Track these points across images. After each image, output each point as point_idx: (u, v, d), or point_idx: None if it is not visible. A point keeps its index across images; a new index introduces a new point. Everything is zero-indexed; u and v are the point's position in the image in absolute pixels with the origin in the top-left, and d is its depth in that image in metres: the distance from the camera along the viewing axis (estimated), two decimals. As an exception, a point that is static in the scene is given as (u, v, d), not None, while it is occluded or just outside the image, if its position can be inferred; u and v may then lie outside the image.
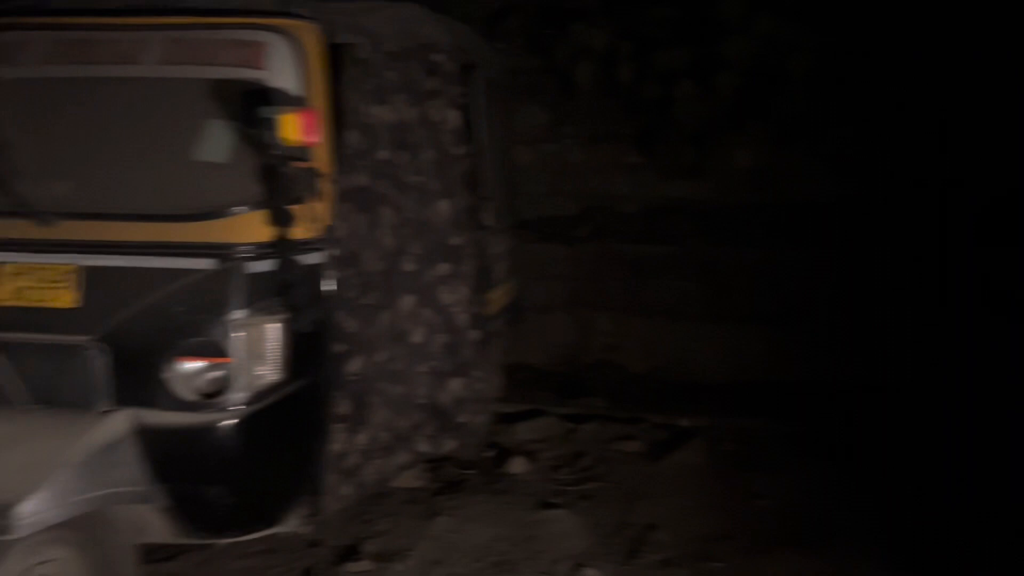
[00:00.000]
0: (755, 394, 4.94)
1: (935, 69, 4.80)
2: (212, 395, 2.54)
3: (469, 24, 4.22)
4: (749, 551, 3.31)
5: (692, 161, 5.27)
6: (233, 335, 2.55)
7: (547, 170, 5.71)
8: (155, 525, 2.60)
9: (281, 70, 2.71)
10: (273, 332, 2.64)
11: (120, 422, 2.48)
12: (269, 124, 2.48)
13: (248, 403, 2.58)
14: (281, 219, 2.59)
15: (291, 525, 2.87)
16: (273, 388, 2.64)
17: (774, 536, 3.42)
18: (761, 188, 5.44)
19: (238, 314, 2.57)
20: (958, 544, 3.29)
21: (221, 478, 2.58)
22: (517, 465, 3.99)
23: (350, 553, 3.26)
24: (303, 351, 2.71)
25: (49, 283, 2.59)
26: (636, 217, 5.57)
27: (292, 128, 2.47)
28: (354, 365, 2.92)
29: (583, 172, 5.72)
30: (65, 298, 2.57)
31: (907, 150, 5.15)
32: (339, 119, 2.87)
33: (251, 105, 2.54)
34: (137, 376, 2.52)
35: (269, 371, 2.63)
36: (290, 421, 2.74)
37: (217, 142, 2.71)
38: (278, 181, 2.55)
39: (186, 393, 2.53)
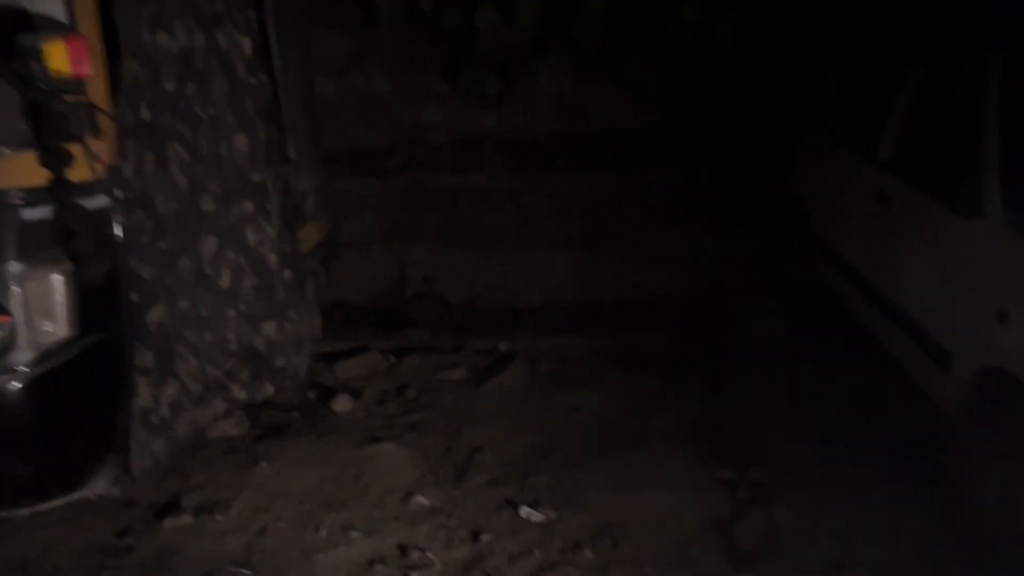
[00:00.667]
0: (570, 315, 5.12)
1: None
2: (-7, 357, 2.32)
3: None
4: (570, 463, 3.48)
5: (497, 90, 5.28)
6: (12, 290, 2.32)
7: (353, 101, 5.54)
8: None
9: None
10: (58, 285, 2.42)
11: None
12: (32, 55, 2.23)
13: (35, 363, 2.37)
14: (55, 160, 2.35)
15: (99, 488, 2.70)
16: (63, 345, 2.44)
17: (593, 446, 3.61)
18: (566, 116, 5.56)
19: (15, 267, 2.34)
20: (759, 437, 3.60)
21: (10, 445, 2.37)
22: (341, 403, 3.94)
23: (168, 509, 3.13)
24: (94, 303, 2.52)
25: None
26: (447, 148, 5.55)
27: (59, 58, 2.24)
28: (154, 315, 2.76)
29: (391, 103, 5.60)
30: None
31: (702, 76, 5.43)
32: (115, 48, 2.62)
33: (9, 34, 2.27)
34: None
35: (56, 327, 2.43)
36: (85, 379, 2.55)
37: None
38: (47, 118, 2.31)
39: (-39, 357, 2.29)
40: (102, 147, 2.53)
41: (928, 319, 3.22)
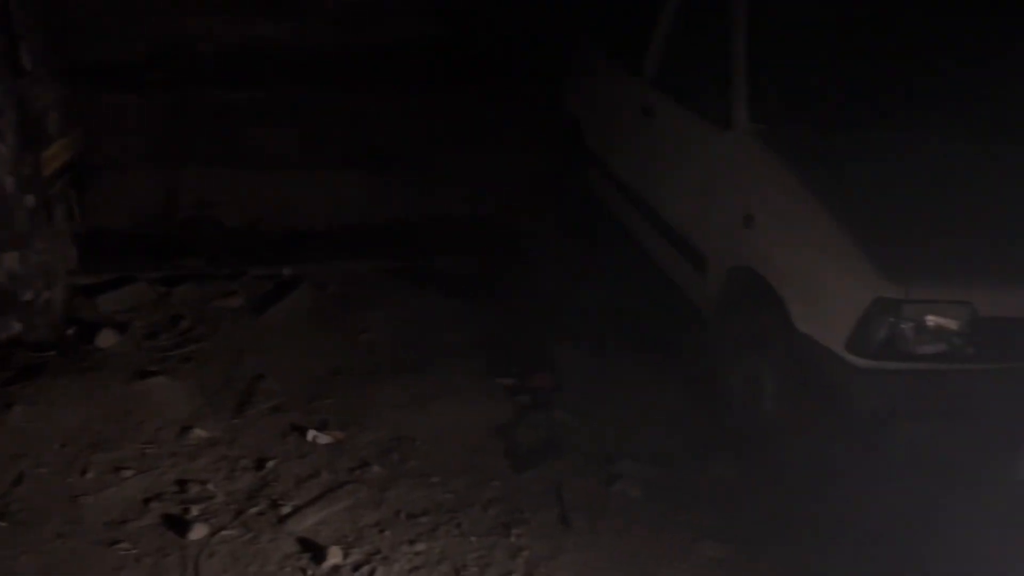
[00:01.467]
0: (358, 237, 5.02)
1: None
2: None
3: None
4: (358, 383, 3.46)
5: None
6: None
7: (107, 6, 4.99)
8: None
9: None
10: None
11: None
12: None
13: None
14: None
15: None
16: None
17: (382, 366, 3.61)
18: (349, 29, 5.34)
19: None
20: (541, 348, 3.75)
21: None
22: (105, 338, 3.66)
23: (-98, 466, 2.80)
24: None
25: None
26: (216, 60, 5.16)
27: None
28: None
29: (150, 10, 5.11)
30: None
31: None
32: None
33: None
34: None
35: None
36: None
37: None
38: None
39: None
40: None
41: (686, 225, 3.46)
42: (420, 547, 2.58)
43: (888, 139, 3.02)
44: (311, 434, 3.11)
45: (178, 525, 2.63)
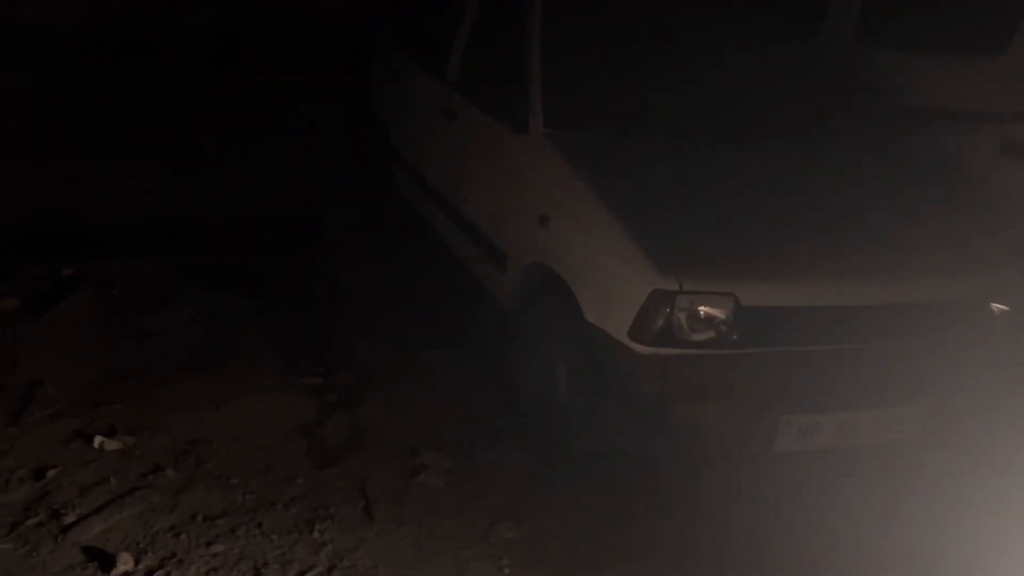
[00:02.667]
0: (141, 233, 4.74)
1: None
2: None
3: None
4: (146, 387, 3.31)
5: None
6: None
7: None
8: None
9: None
10: None
11: None
12: None
13: None
14: None
15: None
16: None
17: (171, 368, 3.47)
18: (136, 12, 5.06)
19: None
20: (345, 345, 3.75)
21: None
22: None
23: None
24: None
25: None
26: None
27: None
28: None
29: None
30: None
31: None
32: None
33: None
34: None
35: None
36: None
37: None
38: None
39: None
40: None
41: (487, 224, 3.59)
42: (218, 548, 2.52)
43: (671, 144, 3.29)
44: (97, 440, 2.95)
45: (-60, 542, 2.42)
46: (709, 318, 2.65)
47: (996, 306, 2.96)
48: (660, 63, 3.62)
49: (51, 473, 2.78)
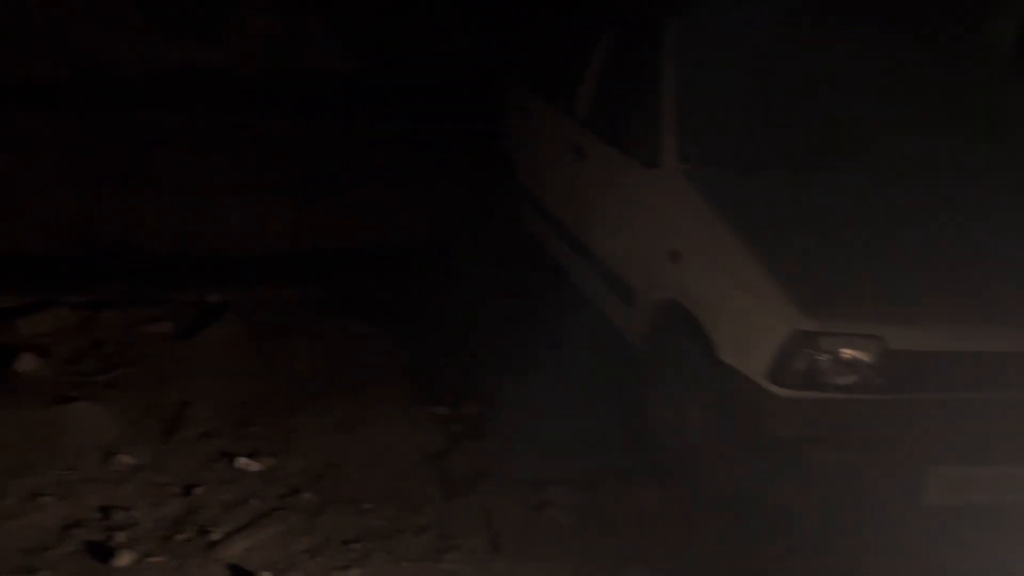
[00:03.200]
0: (286, 263, 4.99)
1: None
2: None
3: None
4: (285, 410, 3.44)
5: (202, 23, 4.94)
6: None
7: (30, 25, 4.89)
8: None
9: None
10: None
11: None
12: None
13: None
14: None
15: None
16: None
17: (310, 392, 3.59)
18: (279, 55, 5.36)
19: None
20: (472, 376, 3.80)
21: None
22: (24, 363, 3.54)
23: None
24: None
25: None
26: (143, 82, 5.10)
27: None
28: None
29: (75, 30, 5.03)
30: None
31: (414, 25, 5.46)
32: None
33: None
34: None
35: None
36: None
37: None
38: None
39: None
40: None
41: (616, 259, 3.58)
42: (353, 573, 2.58)
43: (809, 179, 3.21)
44: (241, 461, 3.08)
45: (101, 552, 2.57)
46: (853, 361, 2.54)
47: None
48: (795, 96, 3.53)
49: (198, 490, 2.92)
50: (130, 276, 4.59)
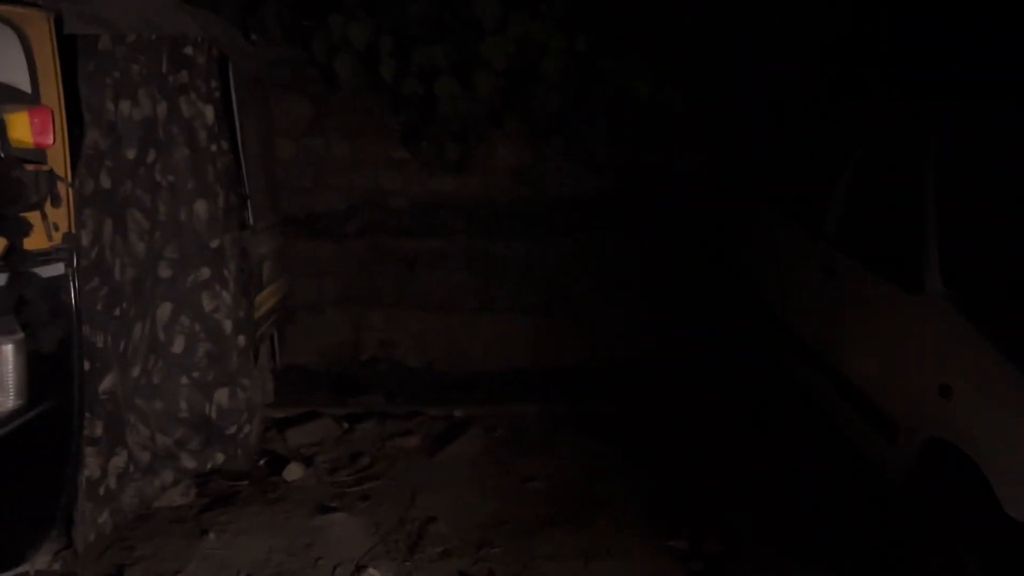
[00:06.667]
0: (526, 379, 5.14)
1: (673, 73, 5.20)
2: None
3: (220, 13, 4.01)
4: (523, 532, 3.46)
5: (456, 158, 5.36)
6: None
7: (312, 165, 5.57)
8: None
9: (6, 63, 2.43)
10: (9, 354, 2.37)
11: None
12: (-6, 124, 2.23)
13: (-20, 434, 2.31)
14: (12, 228, 2.33)
15: (41, 562, 2.61)
16: (11, 415, 2.38)
17: (546, 515, 3.60)
18: (523, 183, 5.66)
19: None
20: (711, 508, 3.62)
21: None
22: (292, 472, 3.88)
23: (111, 584, 3.03)
24: (45, 372, 2.47)
25: None
26: (404, 212, 5.59)
27: (22, 128, 2.24)
28: (106, 383, 2.70)
29: (349, 167, 5.64)
30: None
31: (652, 148, 5.57)
32: (77, 117, 2.63)
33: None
34: None
35: (5, 397, 2.37)
36: (32, 449, 2.48)
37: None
38: (7, 187, 2.29)
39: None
40: (60, 215, 2.51)
41: (875, 391, 3.31)
42: None
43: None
44: (479, 584, 3.12)
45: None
46: None
47: None
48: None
49: (438, 611, 2.98)
50: (386, 390, 4.94)
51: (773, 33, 5.18)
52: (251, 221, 3.71)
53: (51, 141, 2.38)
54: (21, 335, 2.38)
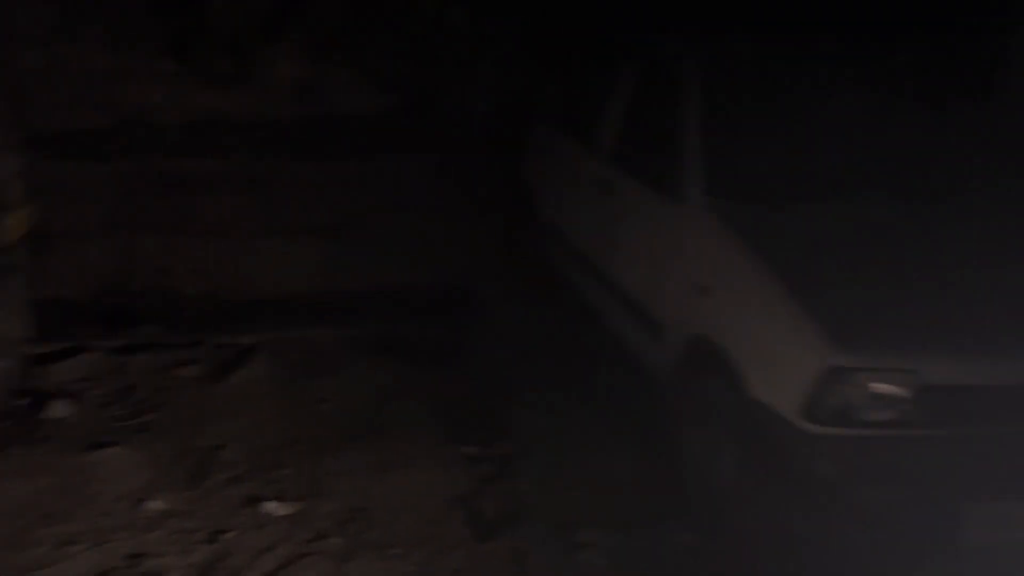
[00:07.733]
0: (316, 305, 5.01)
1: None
2: None
3: None
4: (314, 453, 3.43)
5: (230, 71, 5.04)
6: None
7: (65, 77, 5.02)
8: None
9: None
10: None
11: None
12: None
13: None
14: None
15: None
16: None
17: (340, 435, 3.58)
18: (306, 101, 5.44)
19: None
20: (501, 415, 3.77)
21: None
22: (58, 408, 3.60)
23: None
24: None
25: None
26: (175, 130, 5.20)
27: None
28: None
29: (110, 80, 5.15)
30: None
31: (438, 64, 5.52)
32: None
33: None
34: None
35: None
36: None
37: None
38: None
39: None
40: None
41: (644, 295, 3.55)
42: (382, 620, 2.56)
43: (838, 211, 3.16)
44: (269, 505, 3.07)
45: (131, 601, 2.57)
46: (888, 396, 2.48)
47: None
48: (822, 127, 3.51)
49: (226, 537, 2.91)
50: (163, 320, 4.65)
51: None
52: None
53: None
54: None
